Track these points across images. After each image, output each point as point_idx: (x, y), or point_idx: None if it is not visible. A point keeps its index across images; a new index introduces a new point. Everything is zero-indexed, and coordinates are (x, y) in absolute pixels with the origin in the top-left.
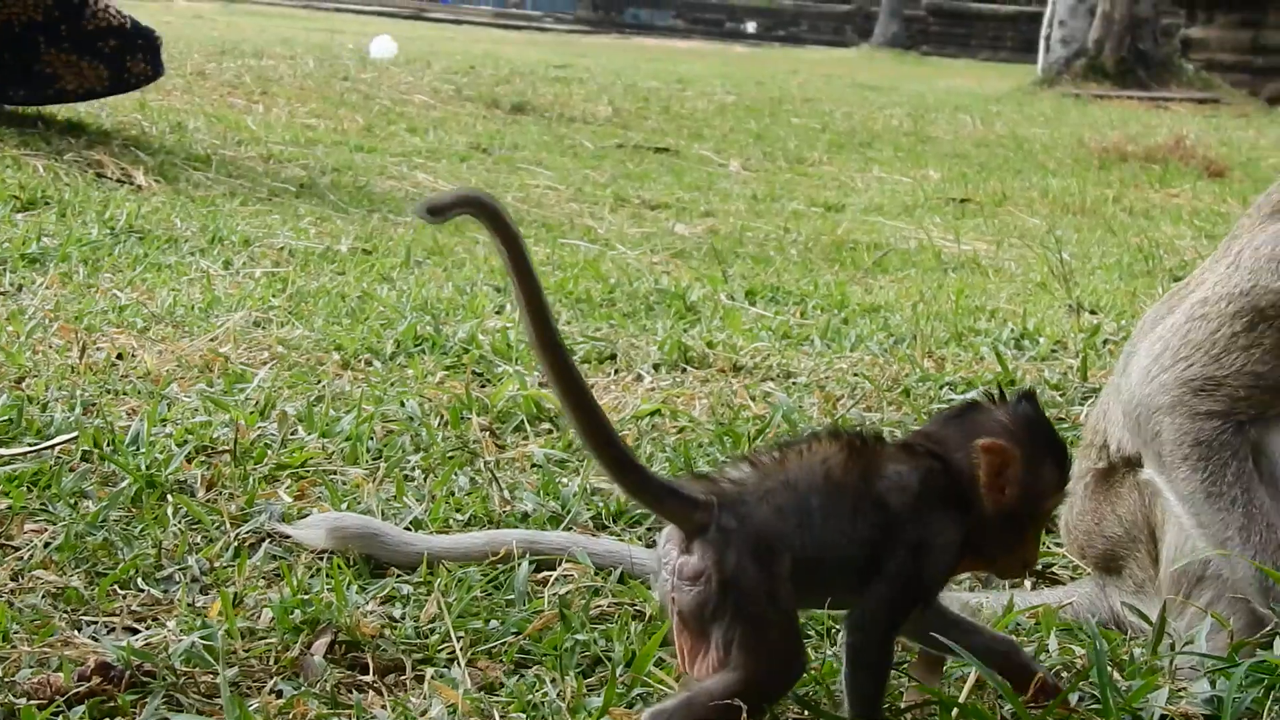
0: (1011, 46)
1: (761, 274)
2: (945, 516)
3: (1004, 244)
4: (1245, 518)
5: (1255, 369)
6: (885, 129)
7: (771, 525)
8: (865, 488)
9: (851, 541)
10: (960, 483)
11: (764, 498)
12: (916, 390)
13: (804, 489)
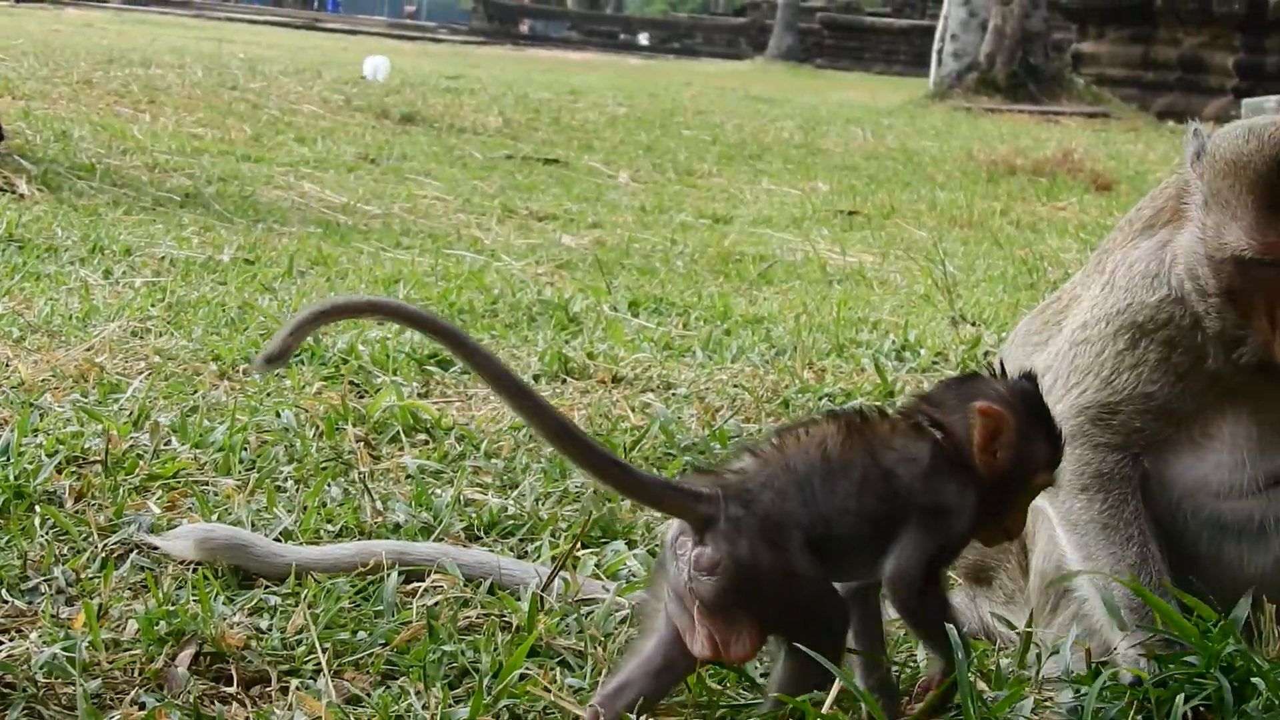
0: (905, 60)
1: (646, 285)
2: (954, 480)
3: (890, 256)
4: (1139, 557)
5: (1145, 389)
6: (776, 141)
7: (777, 508)
8: (871, 462)
9: (861, 516)
10: (958, 446)
11: (766, 484)
12: (795, 401)
13: (804, 471)
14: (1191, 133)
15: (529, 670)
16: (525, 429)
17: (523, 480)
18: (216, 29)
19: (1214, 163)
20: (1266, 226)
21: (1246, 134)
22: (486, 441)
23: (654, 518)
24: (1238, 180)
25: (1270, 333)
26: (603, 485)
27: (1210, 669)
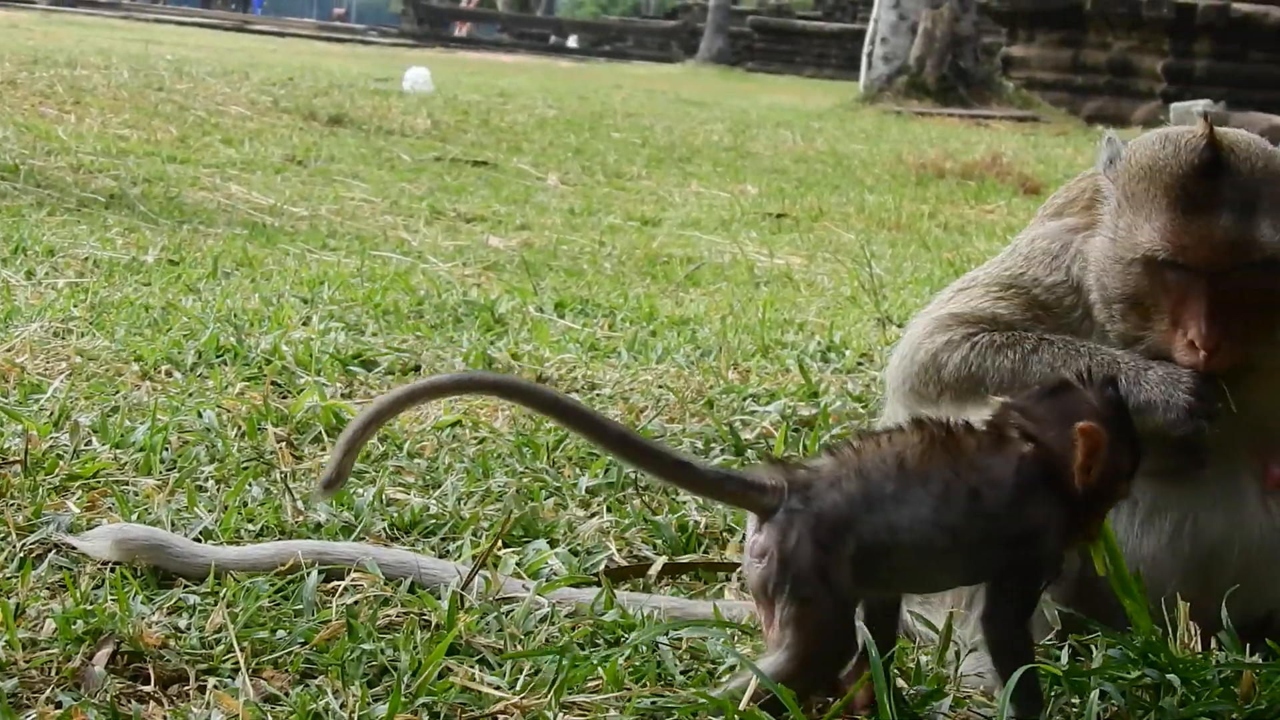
0: (836, 64)
1: (573, 286)
2: (1047, 499)
3: (818, 258)
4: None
5: (997, 311)
6: (706, 144)
7: (838, 509)
8: (954, 476)
9: (938, 527)
10: (1054, 463)
11: (834, 484)
12: (720, 402)
13: (877, 477)
14: (1105, 140)
15: (448, 668)
16: (450, 429)
17: (445, 480)
18: (145, 30)
19: (1130, 167)
20: (1180, 229)
21: (1163, 141)
22: (409, 442)
23: (575, 517)
24: (1153, 184)
25: (1172, 335)
26: (670, 483)
27: (1133, 663)
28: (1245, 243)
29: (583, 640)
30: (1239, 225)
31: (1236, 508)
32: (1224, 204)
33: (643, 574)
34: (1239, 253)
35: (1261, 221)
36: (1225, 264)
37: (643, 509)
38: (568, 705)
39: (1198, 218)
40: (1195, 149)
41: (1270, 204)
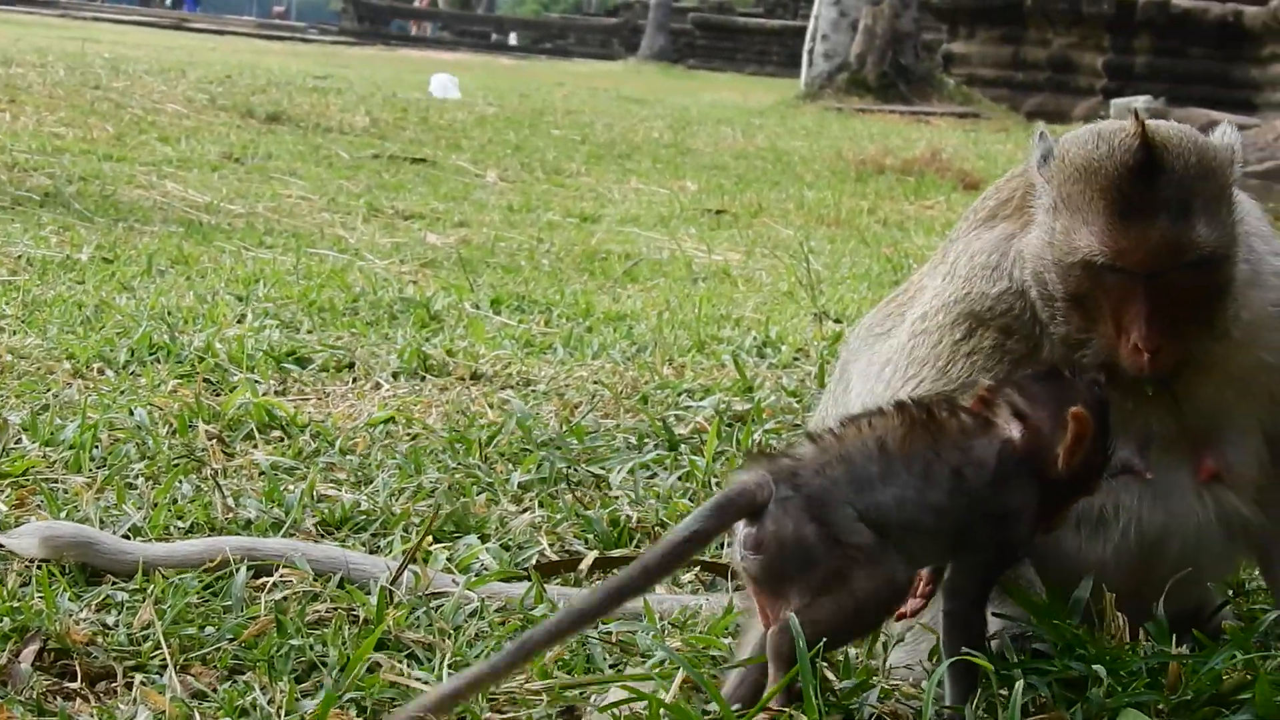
0: (777, 61)
1: (510, 283)
2: (1026, 483)
3: (756, 254)
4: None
5: (979, 378)
6: (646, 141)
7: (825, 490)
8: (935, 457)
9: (922, 507)
10: (1039, 444)
11: (819, 470)
12: (655, 397)
13: (859, 460)
14: (1038, 136)
15: (377, 663)
16: (384, 425)
17: (376, 476)
18: (82, 29)
19: (1064, 167)
20: (1118, 233)
21: (1096, 139)
22: (341, 438)
23: (507, 512)
24: (1089, 186)
25: (1115, 339)
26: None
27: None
28: (1182, 244)
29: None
30: (1175, 226)
31: (1174, 500)
32: (1160, 205)
33: (574, 569)
34: (1176, 254)
35: (1197, 220)
36: (1163, 266)
37: (575, 504)
38: (494, 699)
39: (1135, 221)
40: (1129, 149)
41: (1204, 201)
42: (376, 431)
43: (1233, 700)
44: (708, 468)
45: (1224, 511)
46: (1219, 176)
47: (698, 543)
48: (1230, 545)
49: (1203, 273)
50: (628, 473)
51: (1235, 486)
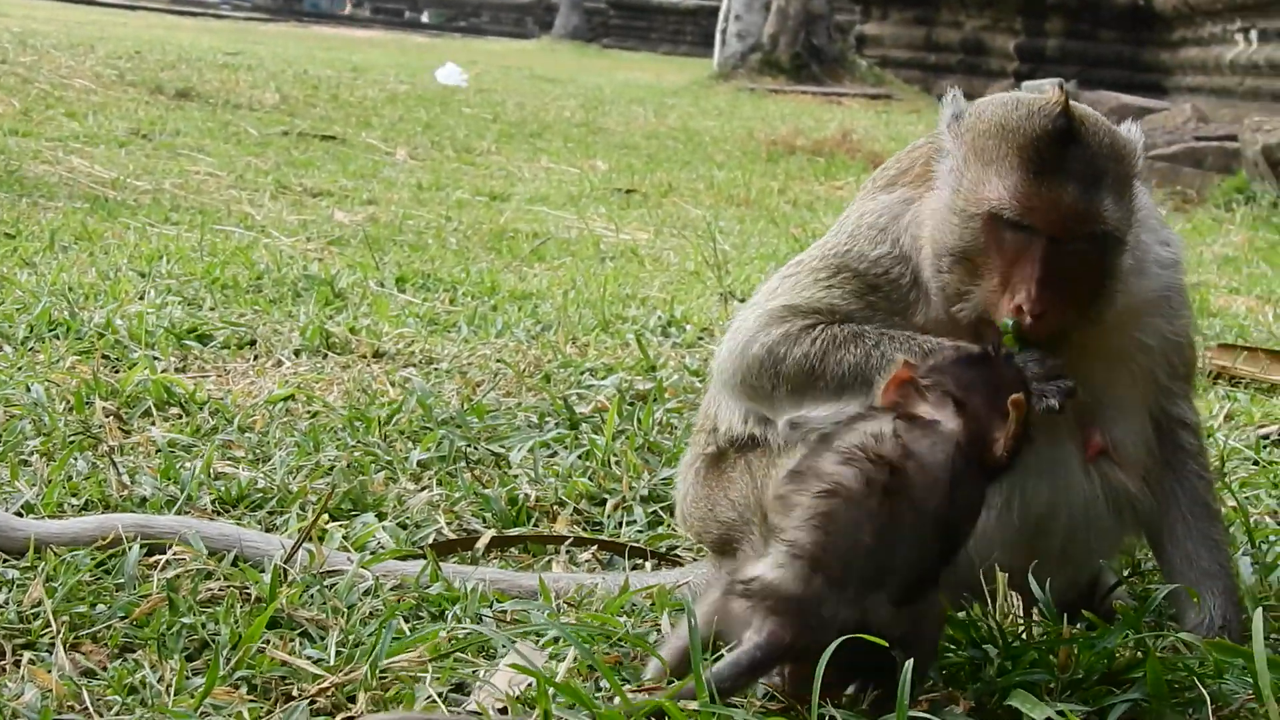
0: (691, 40)
1: (416, 261)
2: (973, 477)
3: (665, 233)
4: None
5: (832, 301)
6: (557, 120)
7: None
8: (914, 510)
9: (921, 559)
10: (980, 433)
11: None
12: (557, 376)
13: (843, 556)
14: (950, 97)
15: (269, 641)
16: (284, 403)
17: (275, 454)
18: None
19: (979, 124)
20: (1030, 190)
21: (1015, 103)
22: (240, 415)
23: (406, 490)
24: (1004, 142)
25: (1000, 293)
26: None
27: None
28: (1090, 213)
29: (406, 613)
30: (1086, 195)
31: (1061, 476)
32: (1074, 172)
33: (470, 547)
34: (1083, 222)
35: (1106, 196)
36: (1069, 232)
37: (473, 482)
38: (385, 676)
39: (1048, 182)
40: (1050, 114)
41: (1113, 180)
42: (276, 409)
43: (1124, 679)
44: (607, 446)
45: (1111, 488)
46: (1127, 161)
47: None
48: (1118, 522)
49: (1099, 248)
50: (528, 451)
51: (1122, 464)
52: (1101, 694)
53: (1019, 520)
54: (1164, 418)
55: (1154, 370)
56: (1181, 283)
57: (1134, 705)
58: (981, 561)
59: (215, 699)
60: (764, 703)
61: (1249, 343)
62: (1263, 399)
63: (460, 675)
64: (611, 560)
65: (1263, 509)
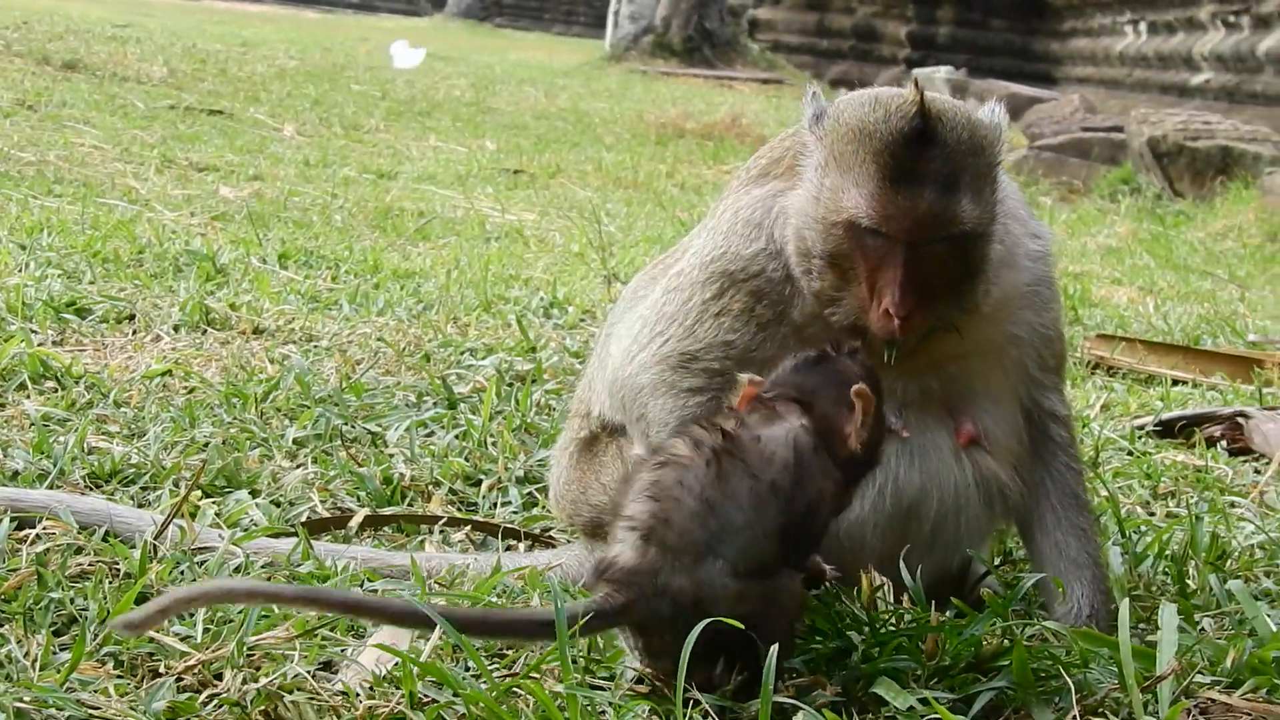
0: (584, 21)
1: (300, 238)
2: (822, 467)
3: (551, 215)
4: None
5: (726, 338)
6: (447, 99)
7: (682, 587)
8: (756, 480)
9: (763, 535)
10: (827, 429)
11: (670, 563)
12: (437, 355)
13: (673, 521)
14: (809, 95)
15: None
16: (161, 379)
17: (149, 429)
18: None
19: (838, 127)
20: (886, 198)
21: (873, 103)
22: (116, 390)
23: (280, 468)
24: (862, 147)
25: (868, 301)
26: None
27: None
28: (946, 216)
29: None
30: (942, 199)
31: (932, 463)
32: (929, 176)
33: (344, 525)
34: (939, 225)
35: (963, 196)
36: (925, 236)
37: (349, 461)
38: (253, 653)
39: (903, 189)
40: (906, 116)
41: (972, 177)
42: (153, 384)
43: (990, 667)
44: (484, 427)
45: (982, 476)
46: (987, 154)
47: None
48: (989, 510)
49: (961, 247)
50: (404, 430)
51: (993, 453)
52: (968, 682)
53: (890, 506)
54: (1035, 410)
55: (1025, 362)
56: (1051, 275)
57: (999, 693)
58: (853, 547)
59: (81, 674)
60: (631, 685)
61: (1128, 334)
62: (1139, 389)
63: (328, 654)
64: (485, 541)
65: (1134, 499)
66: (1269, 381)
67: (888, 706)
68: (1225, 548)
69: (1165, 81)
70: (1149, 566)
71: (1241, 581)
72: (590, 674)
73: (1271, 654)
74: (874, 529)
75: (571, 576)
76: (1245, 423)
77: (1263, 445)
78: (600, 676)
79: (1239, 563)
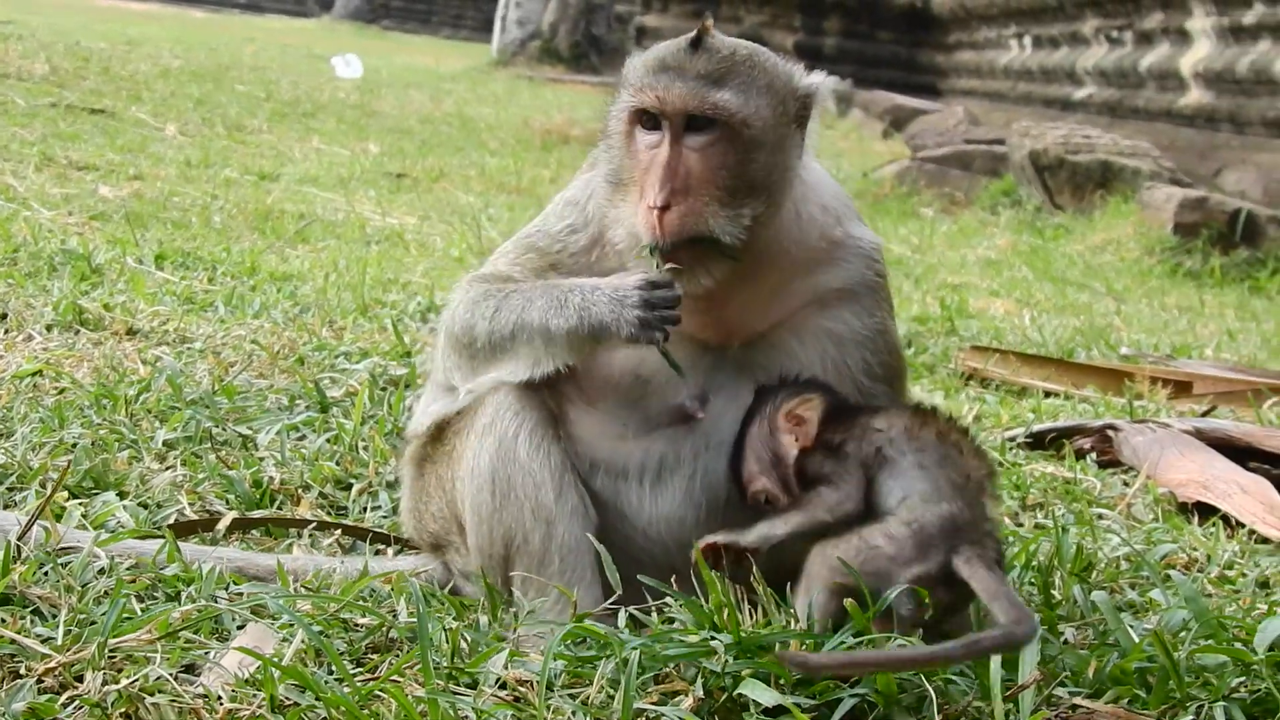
0: (472, 25)
1: (178, 239)
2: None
3: (432, 219)
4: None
5: (511, 273)
6: (332, 101)
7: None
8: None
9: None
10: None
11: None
12: (311, 359)
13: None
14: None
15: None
16: (31, 379)
17: (17, 429)
18: None
19: (633, 60)
20: (650, 79)
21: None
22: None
23: (149, 470)
24: (645, 61)
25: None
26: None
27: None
28: (703, 96)
29: (141, 592)
30: (703, 82)
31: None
32: (696, 67)
33: (211, 528)
34: (696, 100)
35: (728, 88)
36: (680, 107)
37: (218, 464)
38: (114, 655)
39: (666, 71)
40: (689, 32)
41: (742, 82)
42: (23, 384)
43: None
44: (355, 431)
45: None
46: (776, 87)
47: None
48: None
49: (726, 145)
50: (275, 433)
51: None
52: (830, 689)
53: (704, 499)
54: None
55: (848, 364)
56: (876, 280)
57: (861, 700)
58: (676, 545)
59: None
60: (494, 691)
61: (1003, 345)
62: (1011, 401)
63: (191, 656)
64: (354, 545)
65: (1003, 510)
66: (1139, 394)
67: (749, 712)
68: (1091, 559)
69: (1049, 95)
70: (1015, 577)
71: (1106, 593)
72: (453, 680)
73: (1133, 664)
74: (691, 525)
75: (438, 581)
76: (1115, 435)
77: (1131, 458)
78: (462, 682)
79: (1104, 574)
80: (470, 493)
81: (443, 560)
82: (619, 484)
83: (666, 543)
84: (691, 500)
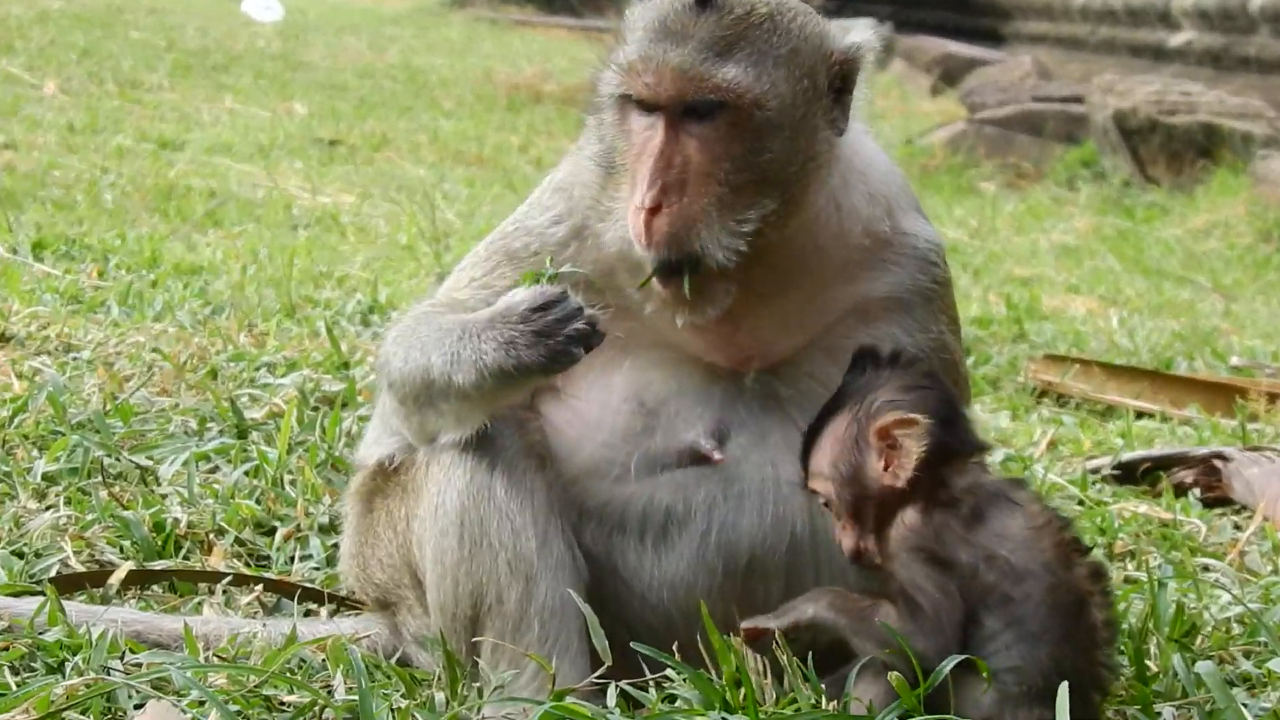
0: None
1: (60, 223)
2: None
3: (374, 197)
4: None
5: (470, 298)
6: (249, 50)
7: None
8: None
9: None
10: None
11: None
12: (226, 371)
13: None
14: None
15: None
16: None
17: None
18: None
19: (629, 18)
20: (638, 59)
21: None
22: None
23: (26, 510)
24: (640, 19)
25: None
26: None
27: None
28: (700, 75)
29: (15, 662)
30: (706, 53)
31: (767, 501)
32: (695, 37)
33: (102, 583)
34: (694, 84)
35: (734, 62)
36: (671, 93)
37: (111, 502)
38: None
39: (659, 45)
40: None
41: (755, 52)
42: None
43: None
44: (281, 462)
45: None
46: (798, 56)
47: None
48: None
49: (728, 125)
50: (181, 465)
51: None
52: None
53: (720, 560)
54: None
55: None
56: (934, 287)
57: None
58: (682, 615)
59: None
60: None
61: (1084, 354)
62: (1095, 423)
63: None
64: (279, 604)
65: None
66: (1254, 415)
67: None
68: (1195, 621)
69: (1136, 42)
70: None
71: (1213, 663)
72: None
73: None
74: (704, 589)
75: (384, 648)
76: (1223, 466)
77: (1244, 494)
78: None
79: (1211, 640)
80: (432, 536)
81: (392, 621)
82: (614, 539)
83: (669, 611)
84: (704, 562)
